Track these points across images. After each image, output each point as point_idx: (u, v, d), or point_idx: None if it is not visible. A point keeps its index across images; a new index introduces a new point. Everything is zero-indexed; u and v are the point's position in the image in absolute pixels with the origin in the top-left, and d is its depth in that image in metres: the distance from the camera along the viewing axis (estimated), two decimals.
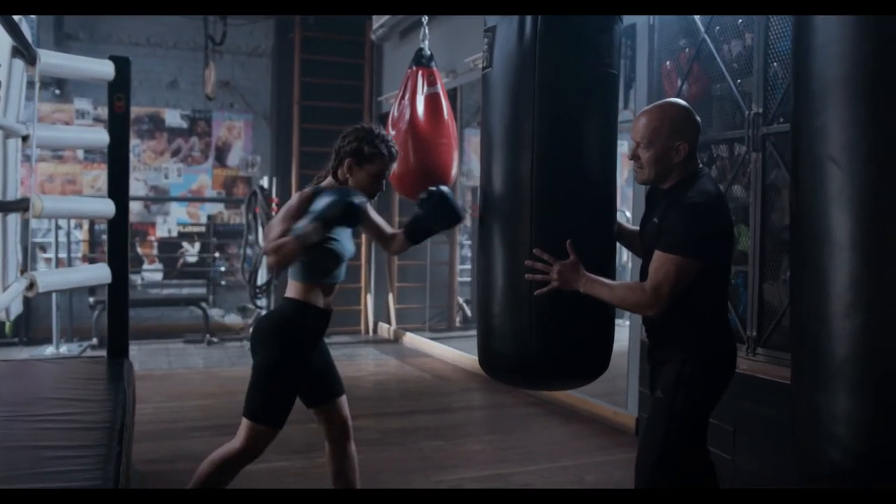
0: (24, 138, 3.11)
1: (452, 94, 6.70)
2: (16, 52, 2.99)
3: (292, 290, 2.57)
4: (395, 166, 2.61)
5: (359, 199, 2.43)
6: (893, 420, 1.66)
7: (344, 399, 2.72)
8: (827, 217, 1.75)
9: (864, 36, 1.70)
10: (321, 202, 2.39)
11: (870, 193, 1.69)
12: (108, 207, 3.58)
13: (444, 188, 2.62)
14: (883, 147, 1.68)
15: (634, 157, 2.26)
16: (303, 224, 2.37)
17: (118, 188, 3.64)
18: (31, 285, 3.06)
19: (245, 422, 2.52)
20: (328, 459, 2.74)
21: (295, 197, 2.54)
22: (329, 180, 2.58)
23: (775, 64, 3.34)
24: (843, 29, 1.73)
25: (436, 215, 2.59)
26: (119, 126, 3.63)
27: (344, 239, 2.56)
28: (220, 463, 2.55)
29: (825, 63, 1.77)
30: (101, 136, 3.62)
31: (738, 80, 3.54)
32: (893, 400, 1.66)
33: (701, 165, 2.30)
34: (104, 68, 3.55)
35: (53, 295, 6.52)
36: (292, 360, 2.52)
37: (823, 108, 1.76)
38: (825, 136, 1.76)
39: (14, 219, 3.18)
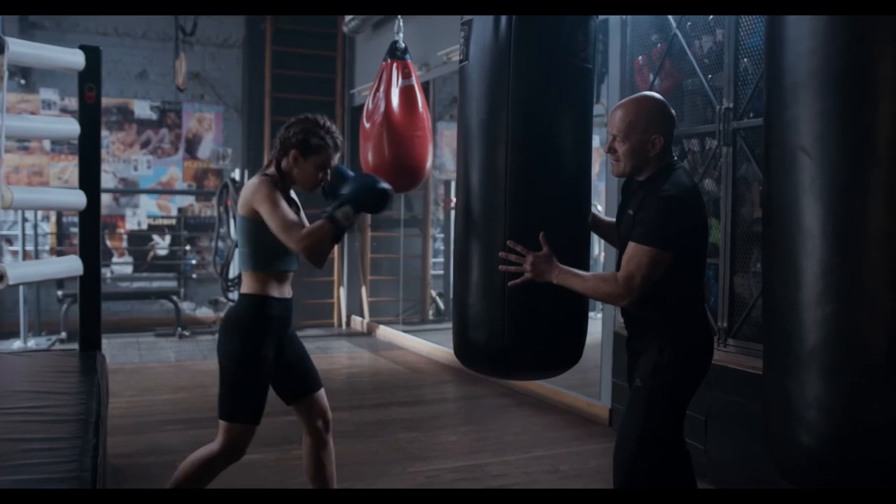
0: None
1: (425, 88, 6.70)
2: None
3: (246, 284, 2.55)
4: (338, 157, 2.58)
5: (387, 185, 2.46)
6: (862, 403, 1.71)
7: (322, 392, 2.72)
8: (798, 207, 1.79)
9: (835, 31, 1.74)
10: (354, 187, 2.41)
11: (840, 183, 1.73)
12: (79, 199, 3.54)
13: (349, 173, 2.56)
14: (853, 138, 1.72)
15: (611, 149, 2.28)
16: (334, 208, 2.37)
17: (89, 179, 3.59)
18: (2, 277, 3.02)
19: (221, 423, 2.50)
20: (306, 453, 2.73)
21: (257, 184, 2.46)
22: (272, 170, 2.55)
23: (745, 59, 3.39)
24: (814, 23, 1.77)
25: (370, 203, 2.50)
26: (90, 116, 3.58)
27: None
28: (200, 464, 2.53)
29: (797, 57, 1.81)
30: (71, 127, 3.58)
31: (709, 76, 3.59)
32: (862, 384, 1.71)
33: (675, 158, 2.34)
34: (74, 58, 3.51)
35: (21, 288, 6.42)
36: (255, 354, 2.50)
37: (795, 101, 1.80)
38: (797, 127, 1.80)
39: None
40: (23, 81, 7.37)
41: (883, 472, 1.70)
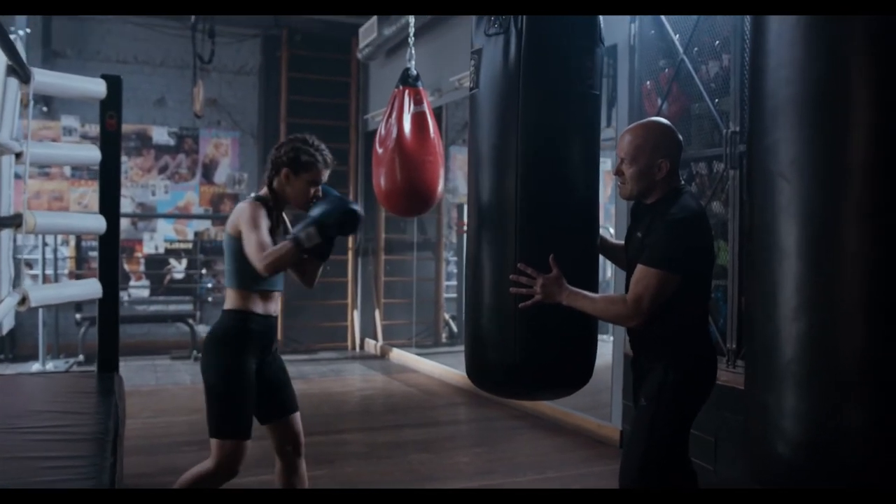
0: (18, 155, 3.16)
1: (438, 113, 6.79)
2: (10, 71, 3.04)
3: (229, 300, 2.61)
4: (328, 173, 2.65)
5: (358, 207, 2.51)
6: (834, 414, 1.77)
7: (297, 416, 2.74)
8: (776, 227, 1.88)
9: (812, 61, 1.83)
10: (319, 208, 2.45)
11: (814, 206, 1.82)
12: (99, 223, 3.63)
13: (334, 193, 2.62)
14: (826, 164, 1.82)
15: (619, 172, 2.34)
16: (300, 228, 2.42)
17: (109, 204, 3.68)
18: (24, 300, 3.10)
19: (212, 441, 2.54)
20: (278, 476, 2.75)
21: (245, 206, 2.55)
22: (264, 190, 2.64)
23: (748, 84, 3.44)
24: (792, 52, 1.87)
25: (339, 221, 2.54)
26: (110, 143, 3.68)
27: None
28: (194, 482, 2.57)
29: (776, 85, 1.90)
30: (92, 154, 3.67)
31: (716, 100, 3.64)
32: (834, 395, 1.78)
33: (682, 182, 2.39)
34: (96, 87, 3.61)
35: (40, 311, 6.52)
36: (238, 367, 2.54)
37: (774, 128, 1.90)
38: (776, 153, 1.89)
39: (7, 234, 3.22)
40: (45, 109, 7.52)
41: (852, 480, 1.77)
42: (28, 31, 6.77)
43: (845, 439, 1.75)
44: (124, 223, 7.77)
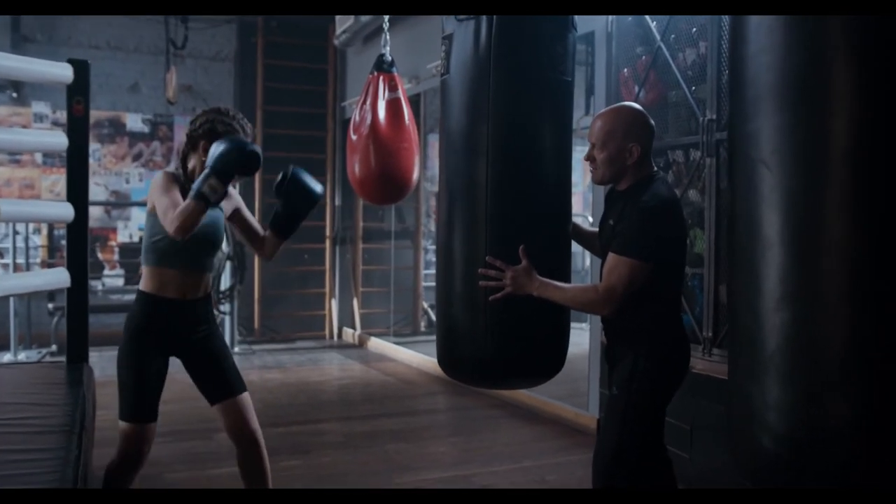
0: None
1: (416, 100, 6.75)
2: None
3: (142, 280, 2.54)
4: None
5: (254, 146, 2.35)
6: (819, 406, 1.75)
7: (244, 398, 2.61)
8: (758, 216, 1.84)
9: (792, 47, 1.79)
10: (214, 153, 2.28)
11: (798, 194, 1.78)
12: (66, 211, 3.55)
13: (294, 168, 2.57)
14: (808, 151, 1.77)
15: (590, 157, 2.32)
16: (199, 182, 2.28)
17: (77, 192, 3.60)
18: None
19: (119, 426, 2.54)
20: (238, 464, 2.68)
21: (157, 176, 2.48)
22: (179, 169, 2.54)
23: (728, 72, 3.43)
24: (772, 39, 1.83)
25: (293, 199, 2.55)
26: (78, 129, 3.60)
27: (215, 222, 2.51)
28: (110, 473, 2.57)
29: (757, 72, 1.86)
30: (59, 140, 3.59)
31: (693, 88, 3.63)
32: (819, 388, 1.75)
33: (656, 169, 2.37)
34: (62, 71, 3.53)
35: (11, 301, 6.41)
36: (133, 355, 2.50)
37: (755, 114, 1.86)
38: (757, 140, 1.85)
39: None
40: (14, 95, 7.38)
41: (836, 473, 1.75)
42: None
43: (830, 433, 1.73)
44: (98, 211, 7.66)
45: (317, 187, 2.61)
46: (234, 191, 2.67)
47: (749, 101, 1.89)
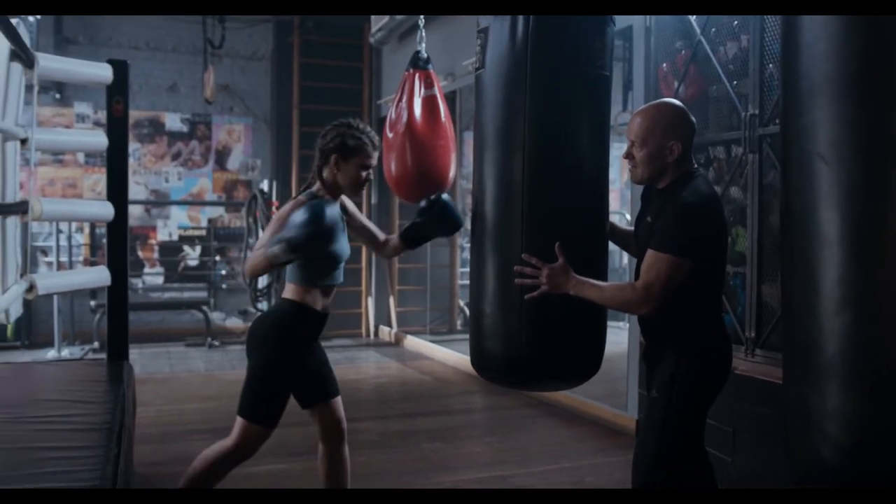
0: (23, 141, 3.12)
1: (451, 97, 6.72)
2: (14, 56, 3.00)
3: (289, 291, 2.59)
4: (377, 155, 2.66)
5: (329, 222, 2.43)
6: (883, 415, 1.67)
7: (338, 401, 2.73)
8: (816, 214, 1.76)
9: (850, 33, 1.71)
10: (292, 223, 2.39)
11: (858, 190, 1.69)
12: (107, 210, 3.59)
13: (446, 196, 2.67)
14: (870, 143, 1.69)
15: (629, 156, 2.27)
16: (277, 239, 2.39)
17: (117, 191, 3.65)
18: (31, 287, 3.07)
19: (239, 420, 2.53)
20: (321, 461, 2.75)
21: (288, 206, 2.57)
22: (318, 185, 2.61)
23: (771, 65, 3.35)
24: (829, 27, 1.74)
25: (436, 224, 2.65)
26: (118, 129, 3.64)
27: (341, 241, 2.58)
28: (213, 460, 2.57)
29: (812, 61, 1.78)
30: (100, 140, 3.64)
31: (735, 82, 3.55)
32: (883, 395, 1.67)
33: (696, 166, 2.31)
34: (102, 72, 3.57)
35: (55, 298, 6.53)
36: (286, 361, 2.54)
37: (812, 106, 1.78)
38: (814, 133, 1.77)
39: (13, 221, 3.20)
40: (58, 95, 7.52)
41: None
42: (39, 17, 6.75)
43: (893, 442, 1.65)
44: (138, 210, 7.77)
45: (460, 219, 2.67)
46: (348, 201, 2.74)
47: (804, 92, 1.80)
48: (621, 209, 8.30)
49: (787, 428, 1.93)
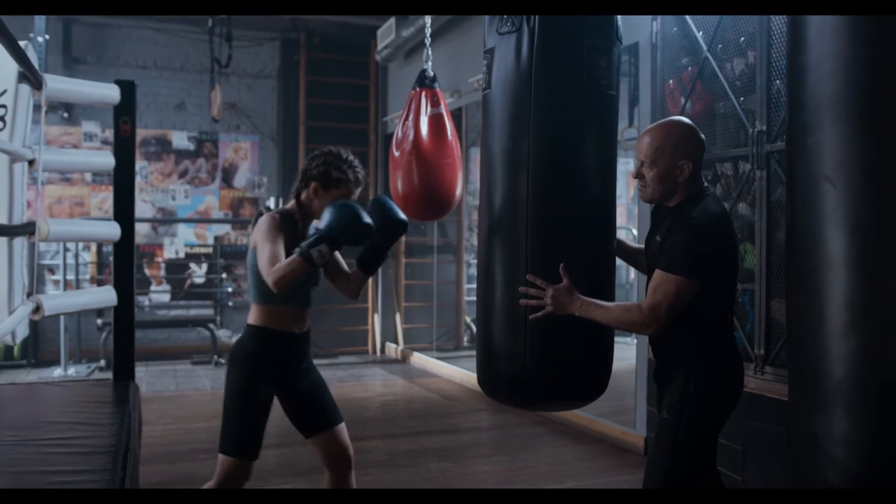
0: (31, 162, 3.12)
1: (457, 114, 6.73)
2: (22, 78, 3.01)
3: (252, 314, 2.54)
4: (359, 192, 2.60)
5: (367, 218, 2.41)
6: (891, 440, 1.64)
7: (342, 428, 2.66)
8: (822, 235, 1.74)
9: (858, 52, 1.69)
10: (329, 219, 2.36)
11: (865, 211, 1.68)
12: (113, 230, 3.59)
13: (380, 197, 2.62)
14: (877, 164, 1.67)
15: (639, 175, 2.26)
16: (309, 243, 2.35)
17: (123, 211, 3.64)
18: (37, 309, 3.06)
19: (219, 457, 2.50)
20: (327, 486, 2.70)
21: (263, 219, 2.50)
22: (291, 203, 2.58)
23: (778, 81, 3.34)
24: (836, 45, 1.73)
25: (380, 232, 2.54)
26: (124, 149, 3.64)
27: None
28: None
29: (819, 80, 1.76)
30: (107, 160, 3.63)
31: (742, 98, 3.54)
32: (890, 420, 1.64)
33: (706, 184, 2.30)
34: (109, 92, 3.57)
35: (62, 317, 6.53)
36: (248, 388, 2.48)
37: (818, 126, 1.76)
38: (819, 153, 1.75)
39: (20, 242, 3.19)
40: (66, 115, 7.56)
41: None
42: (47, 37, 6.80)
43: None
44: (145, 228, 7.79)
45: (402, 215, 2.61)
46: None
47: (810, 111, 1.79)
48: (627, 224, 8.28)
49: (792, 452, 1.90)
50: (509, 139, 2.31)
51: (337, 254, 2.70)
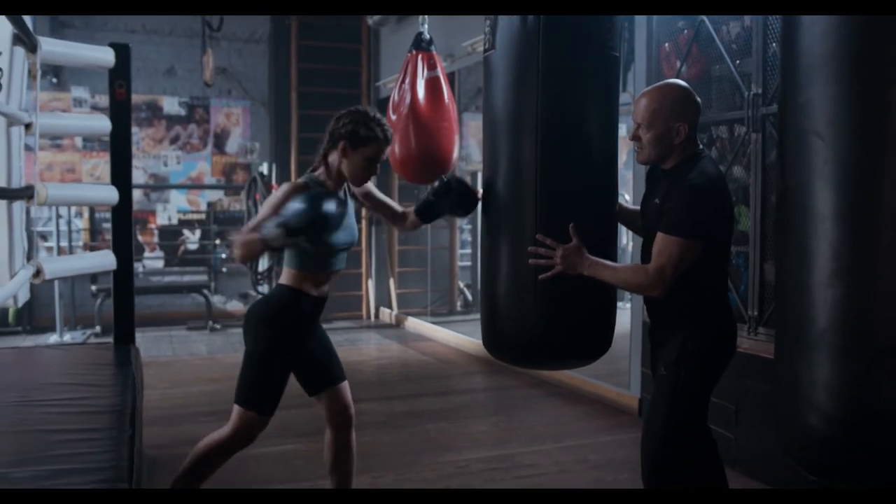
0: (27, 126, 3.11)
1: (451, 79, 6.69)
2: (17, 40, 2.99)
3: (286, 276, 2.55)
4: (388, 150, 2.58)
5: (330, 209, 2.32)
6: (870, 387, 1.70)
7: (345, 386, 2.70)
8: (810, 190, 1.79)
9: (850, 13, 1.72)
10: (291, 206, 2.28)
11: (852, 166, 1.73)
12: (111, 194, 3.59)
13: (460, 177, 2.62)
14: (865, 121, 1.71)
15: (635, 137, 2.28)
16: (270, 226, 2.29)
17: (121, 175, 3.64)
18: (38, 272, 3.08)
19: (236, 408, 2.52)
20: (327, 446, 2.74)
21: (284, 187, 2.48)
22: (321, 170, 2.53)
23: (774, 44, 3.35)
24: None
25: (455, 204, 2.56)
26: (120, 113, 3.63)
27: (343, 230, 2.50)
28: (212, 447, 2.56)
29: (811, 39, 1.80)
30: (103, 124, 3.63)
31: (737, 61, 3.55)
32: (871, 368, 1.70)
33: (701, 147, 2.32)
34: (104, 55, 3.55)
35: (56, 283, 6.54)
36: (281, 348, 2.51)
37: (809, 84, 1.80)
38: (810, 111, 1.79)
39: (20, 206, 3.20)
40: (54, 80, 7.48)
41: (887, 455, 1.70)
42: None
43: (882, 414, 1.68)
44: (137, 195, 7.75)
45: (475, 200, 2.58)
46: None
47: (802, 70, 1.82)
48: (621, 190, 8.31)
49: (775, 399, 1.97)
50: (516, 101, 2.31)
51: (379, 194, 2.72)
